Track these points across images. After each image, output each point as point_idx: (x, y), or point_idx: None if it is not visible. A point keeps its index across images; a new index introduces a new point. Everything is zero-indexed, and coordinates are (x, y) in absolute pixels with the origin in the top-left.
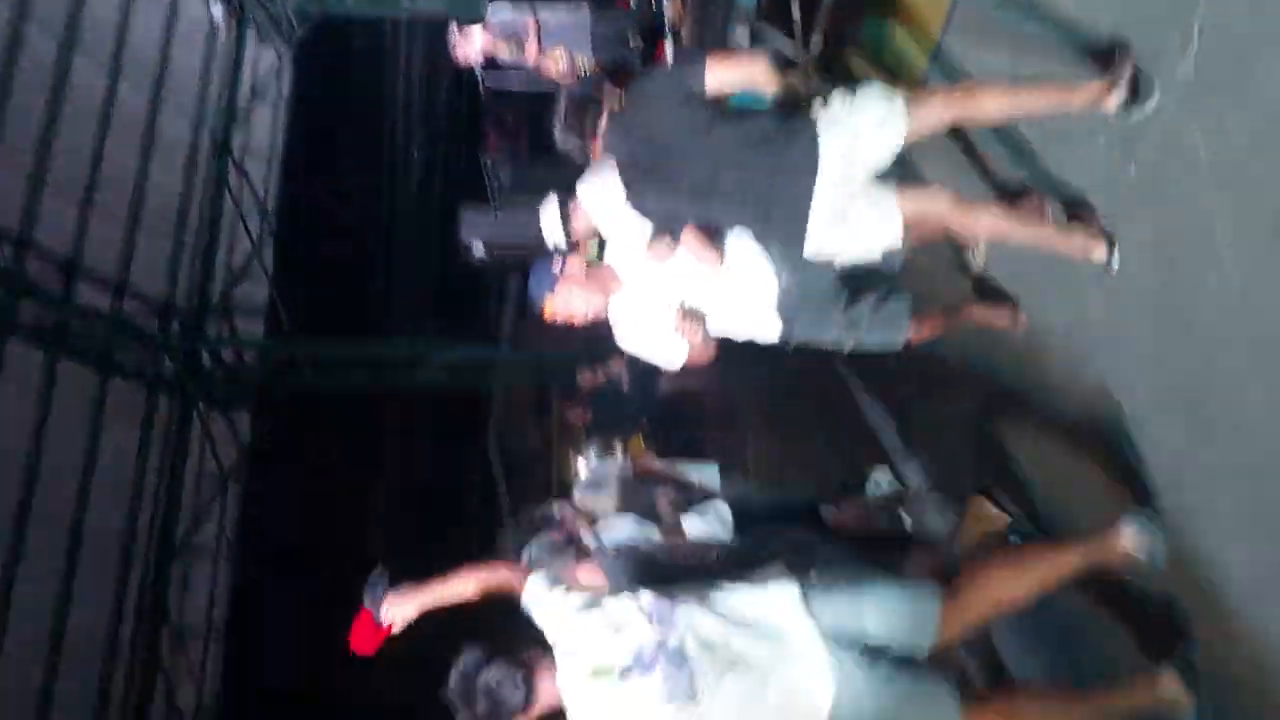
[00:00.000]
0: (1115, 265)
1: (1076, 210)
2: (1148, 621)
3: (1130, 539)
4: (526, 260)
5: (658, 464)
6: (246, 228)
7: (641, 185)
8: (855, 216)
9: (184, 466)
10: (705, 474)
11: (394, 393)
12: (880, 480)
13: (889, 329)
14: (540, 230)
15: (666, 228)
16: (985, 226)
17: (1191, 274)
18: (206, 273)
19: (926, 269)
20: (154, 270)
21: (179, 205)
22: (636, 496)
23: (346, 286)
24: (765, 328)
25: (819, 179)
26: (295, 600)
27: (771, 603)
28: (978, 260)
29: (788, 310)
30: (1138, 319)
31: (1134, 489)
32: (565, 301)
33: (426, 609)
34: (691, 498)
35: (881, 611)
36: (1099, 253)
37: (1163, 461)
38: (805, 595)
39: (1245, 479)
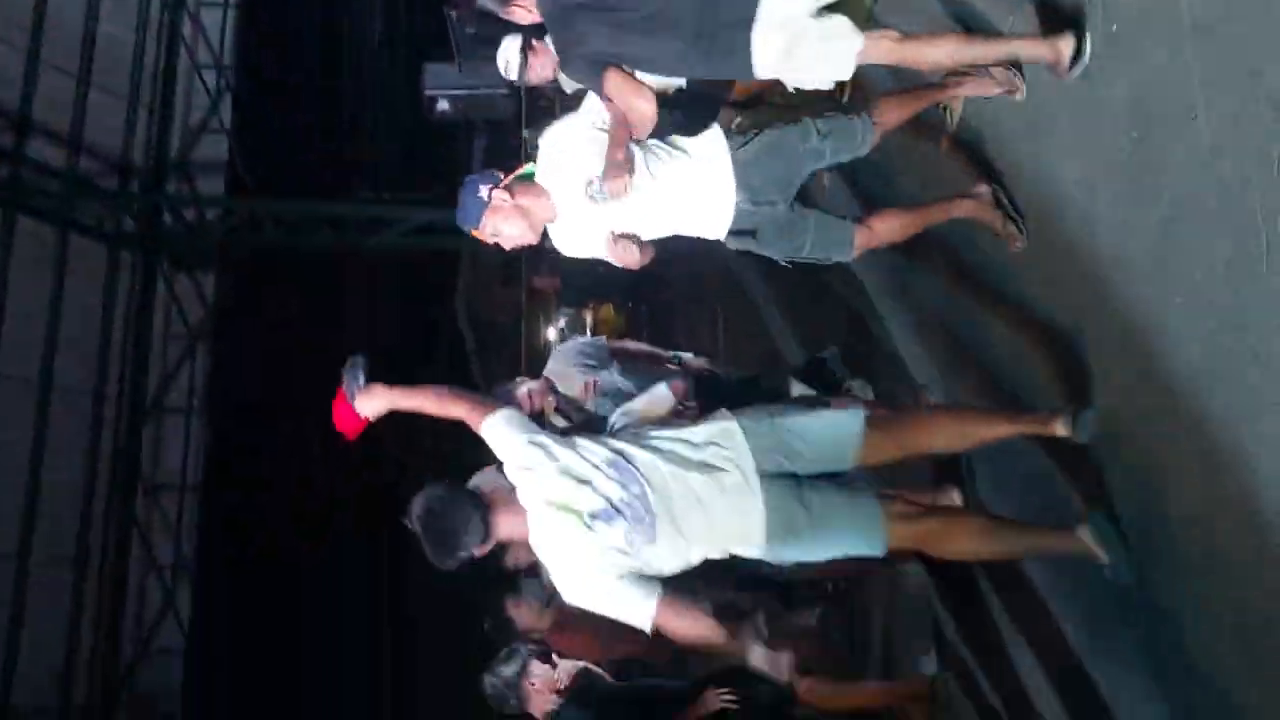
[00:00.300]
0: (1087, 56)
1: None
2: (1074, 464)
3: (1065, 429)
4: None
5: (631, 344)
6: (203, 81)
7: (579, 27)
8: (803, 53)
9: (150, 326)
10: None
11: (360, 252)
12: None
13: (832, 248)
14: (505, 84)
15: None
16: (947, 53)
17: (1165, 135)
18: (164, 129)
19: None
20: (109, 126)
21: (132, 57)
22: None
23: (309, 145)
24: (712, 226)
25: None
26: (268, 455)
27: (714, 437)
28: (952, 120)
29: (739, 221)
30: (1108, 180)
31: (1079, 373)
32: (493, 231)
33: (395, 409)
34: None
35: (810, 432)
36: (1068, 48)
37: (1120, 327)
38: (744, 428)
39: (1201, 340)
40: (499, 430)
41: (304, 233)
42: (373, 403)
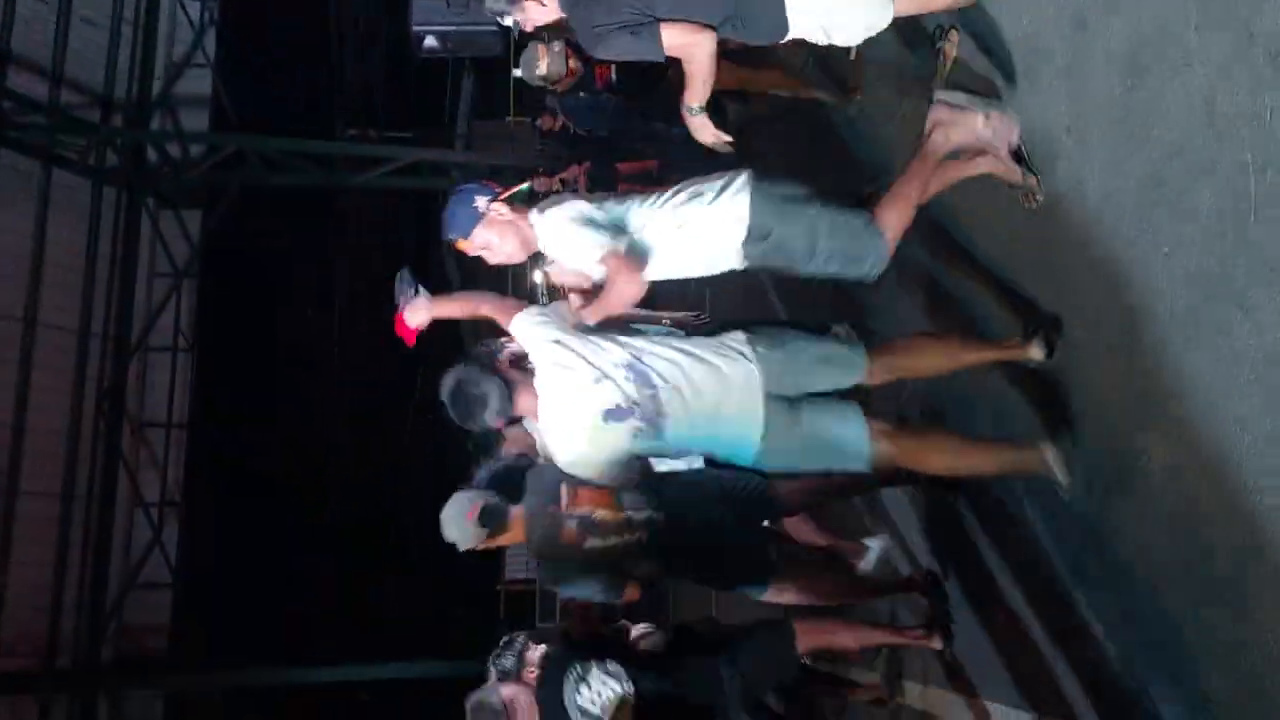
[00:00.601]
0: None
1: None
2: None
3: (1039, 352)
4: (481, 51)
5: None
6: (186, 13)
7: None
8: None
9: (135, 263)
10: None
11: (347, 190)
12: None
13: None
14: (494, 22)
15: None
16: None
17: (1158, 85)
18: (147, 63)
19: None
20: (92, 60)
21: None
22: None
23: (294, 81)
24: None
25: None
26: (254, 393)
27: (727, 340)
28: (949, 48)
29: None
30: (1100, 128)
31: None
32: (483, 244)
33: (437, 317)
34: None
35: (812, 351)
36: None
37: (1106, 277)
38: (752, 339)
39: (1186, 291)
40: (525, 327)
41: (290, 170)
42: (417, 314)
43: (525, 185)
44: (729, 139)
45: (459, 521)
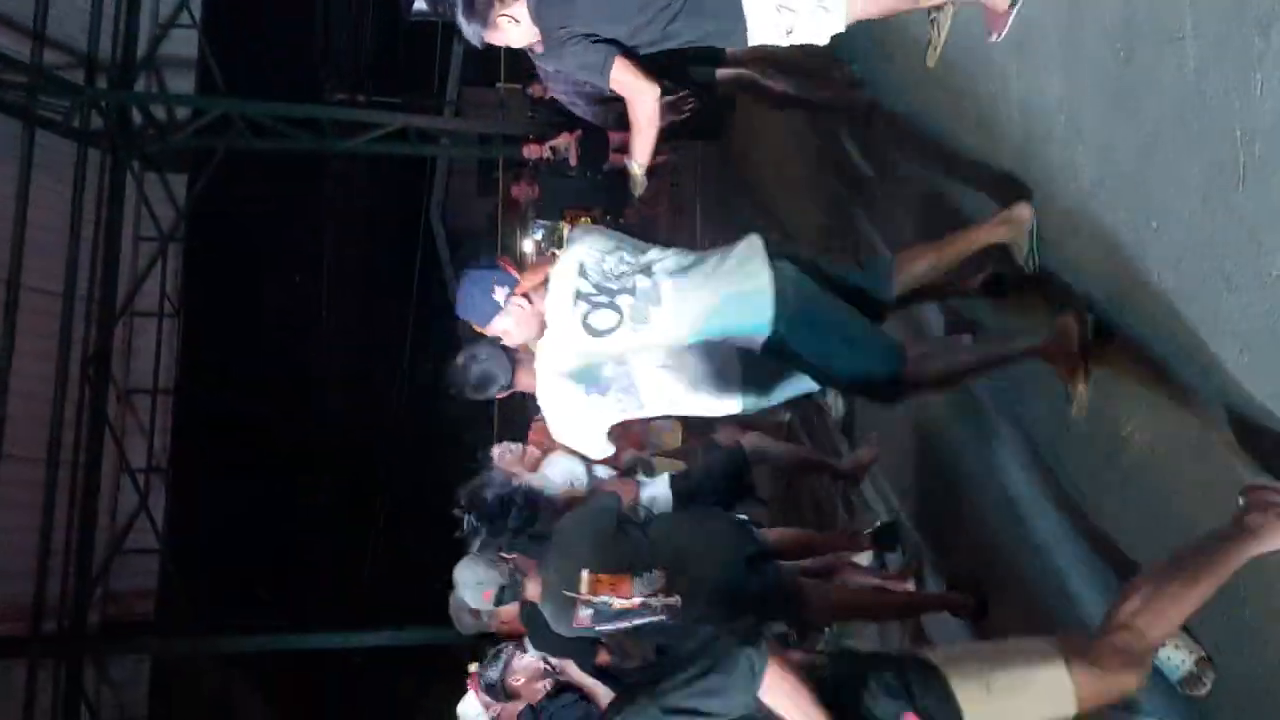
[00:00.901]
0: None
1: None
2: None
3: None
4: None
5: None
6: None
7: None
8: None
9: (120, 227)
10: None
11: (335, 156)
12: None
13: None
14: None
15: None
16: None
17: (1151, 55)
18: (132, 23)
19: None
20: (74, 19)
21: None
22: None
23: (282, 43)
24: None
25: None
26: (241, 358)
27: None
28: (939, 35)
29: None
30: (1092, 99)
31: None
32: (502, 331)
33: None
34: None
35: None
36: None
37: (1095, 249)
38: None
39: (1174, 263)
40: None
41: (277, 135)
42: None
43: (550, 273)
44: (644, 197)
45: (475, 592)
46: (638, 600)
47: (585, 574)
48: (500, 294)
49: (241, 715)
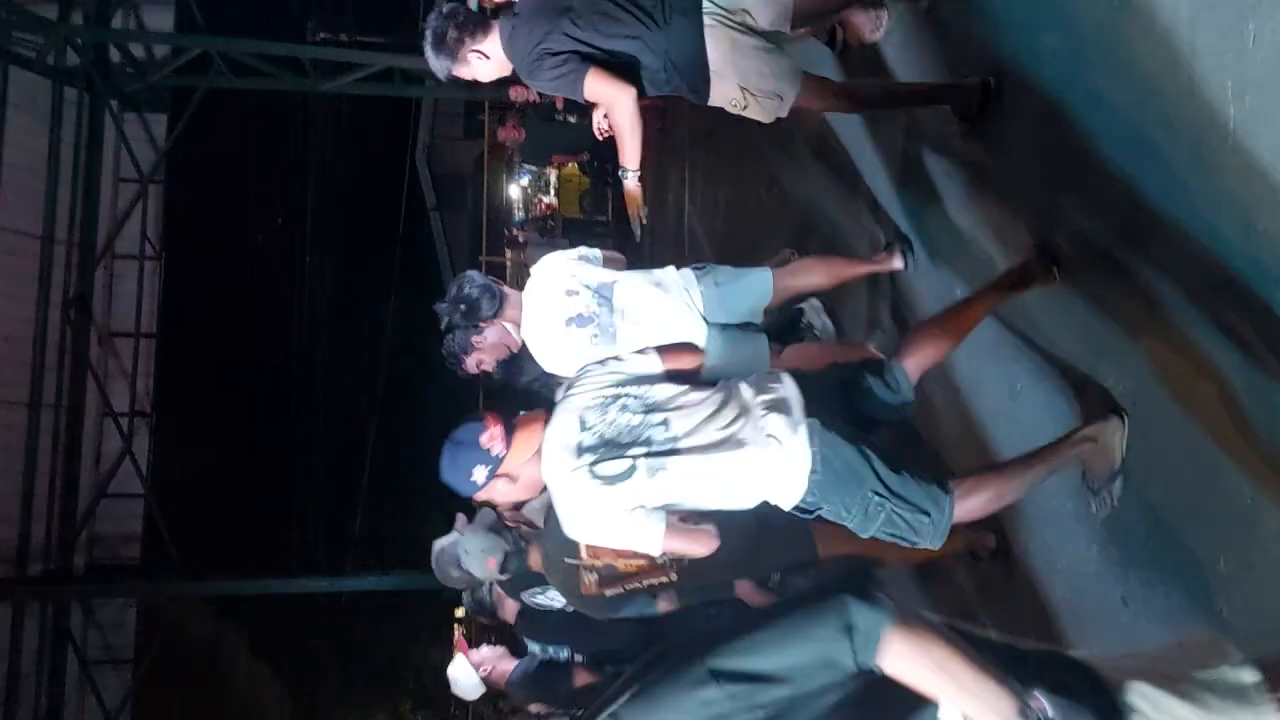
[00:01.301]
0: None
1: None
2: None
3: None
4: None
5: None
6: None
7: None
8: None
9: (99, 167)
10: None
11: (317, 96)
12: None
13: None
14: None
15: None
16: None
17: (1145, 4)
18: None
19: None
20: None
21: None
22: None
23: None
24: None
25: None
26: (225, 302)
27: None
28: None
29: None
30: (1086, 51)
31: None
32: (488, 498)
33: None
34: None
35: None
36: None
37: (1085, 208)
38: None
39: (1164, 219)
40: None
41: (258, 74)
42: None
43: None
44: (644, 219)
45: (479, 561)
46: (643, 560)
47: (582, 545)
48: (480, 474)
49: (228, 658)
